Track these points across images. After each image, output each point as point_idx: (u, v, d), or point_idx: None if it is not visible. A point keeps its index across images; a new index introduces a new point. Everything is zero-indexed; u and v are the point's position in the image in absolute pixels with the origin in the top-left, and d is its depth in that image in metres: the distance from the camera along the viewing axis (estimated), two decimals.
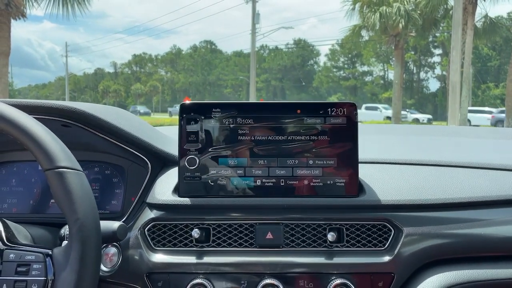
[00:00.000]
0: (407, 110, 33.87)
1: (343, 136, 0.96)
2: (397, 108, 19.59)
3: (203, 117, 0.97)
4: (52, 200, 1.10)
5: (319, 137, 0.96)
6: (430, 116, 33.40)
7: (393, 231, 0.95)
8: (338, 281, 0.91)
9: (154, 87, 62.60)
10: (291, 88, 64.50)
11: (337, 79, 57.77)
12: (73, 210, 0.72)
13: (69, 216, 0.72)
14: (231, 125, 0.96)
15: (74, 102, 1.03)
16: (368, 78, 55.45)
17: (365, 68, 55.74)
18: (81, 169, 0.77)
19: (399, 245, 0.93)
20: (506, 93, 15.75)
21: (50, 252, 0.75)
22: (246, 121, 0.96)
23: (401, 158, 1.12)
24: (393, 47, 19.84)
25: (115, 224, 0.84)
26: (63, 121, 1.01)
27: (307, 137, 0.96)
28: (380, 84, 53.14)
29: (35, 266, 0.73)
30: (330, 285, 0.91)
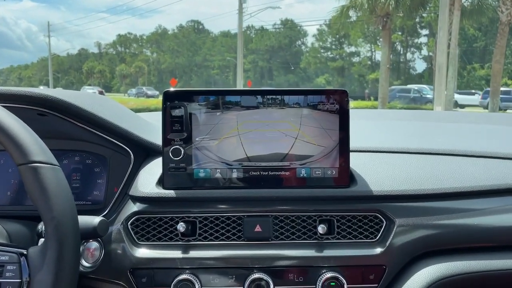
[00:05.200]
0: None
1: (334, 124, 0.92)
2: (384, 90, 19.58)
3: (187, 105, 0.92)
4: None
5: (309, 125, 0.92)
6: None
7: (385, 222, 0.93)
8: (329, 274, 0.88)
9: (140, 68, 61.71)
10: (278, 69, 64.15)
11: (325, 60, 57.54)
12: (48, 207, 0.67)
13: (45, 214, 0.68)
14: (217, 114, 0.92)
15: (49, 89, 0.97)
16: (355, 59, 55.39)
17: (353, 49, 55.58)
18: (57, 163, 0.72)
19: (391, 237, 0.91)
20: (491, 74, 15.89)
21: (25, 252, 0.71)
22: (233, 109, 0.92)
23: (393, 147, 1.09)
24: (380, 28, 19.74)
25: (95, 220, 0.80)
26: (38, 110, 0.95)
27: (297, 125, 0.92)
28: (368, 65, 53.16)
29: (9, 267, 0.69)
30: (321, 278, 0.89)
